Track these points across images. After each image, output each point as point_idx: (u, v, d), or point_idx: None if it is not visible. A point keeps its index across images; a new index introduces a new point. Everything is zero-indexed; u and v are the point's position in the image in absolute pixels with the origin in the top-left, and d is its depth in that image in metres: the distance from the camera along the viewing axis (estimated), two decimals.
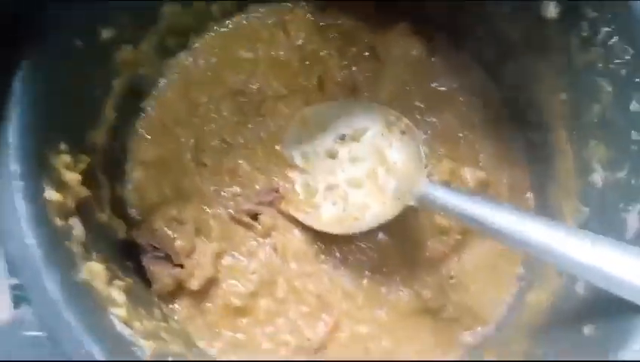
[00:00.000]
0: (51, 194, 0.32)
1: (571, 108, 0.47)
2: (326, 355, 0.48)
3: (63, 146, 0.36)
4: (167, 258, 0.47)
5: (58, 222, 0.32)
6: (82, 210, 0.36)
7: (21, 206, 0.29)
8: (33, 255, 0.28)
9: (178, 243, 0.47)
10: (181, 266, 0.47)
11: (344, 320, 0.49)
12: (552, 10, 0.44)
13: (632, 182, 0.40)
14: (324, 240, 0.50)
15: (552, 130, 0.50)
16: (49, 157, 0.34)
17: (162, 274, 0.46)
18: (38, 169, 0.32)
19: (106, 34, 0.41)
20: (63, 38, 0.35)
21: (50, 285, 0.28)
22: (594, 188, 0.44)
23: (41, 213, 0.31)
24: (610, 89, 0.42)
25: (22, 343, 0.30)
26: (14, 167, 0.30)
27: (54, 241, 0.31)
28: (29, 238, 0.29)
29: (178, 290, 0.48)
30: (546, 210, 0.51)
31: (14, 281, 0.28)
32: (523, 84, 0.52)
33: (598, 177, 0.44)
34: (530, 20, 0.46)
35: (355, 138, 0.52)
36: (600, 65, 0.42)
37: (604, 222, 0.42)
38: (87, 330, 0.28)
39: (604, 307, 0.37)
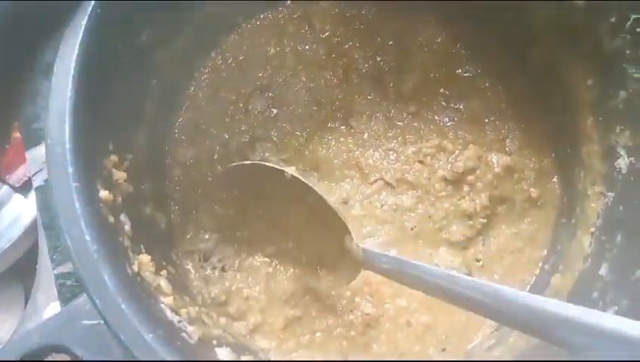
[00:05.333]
0: (104, 194, 0.35)
1: (598, 93, 0.47)
2: (378, 330, 0.50)
3: (111, 146, 0.38)
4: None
5: (111, 219, 0.35)
6: (128, 205, 0.39)
7: (79, 207, 0.32)
8: (91, 252, 0.31)
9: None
10: None
11: (385, 290, 0.51)
12: None
13: None
14: None
15: (578, 114, 0.50)
16: (101, 157, 0.37)
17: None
18: (92, 170, 0.35)
19: (145, 36, 0.42)
20: (107, 43, 0.37)
21: (108, 279, 0.31)
22: (619, 173, 0.45)
23: (96, 212, 0.33)
24: (638, 76, 0.42)
25: (81, 331, 0.34)
26: (70, 169, 0.32)
27: (109, 238, 0.33)
28: (88, 236, 0.31)
29: None
30: (572, 194, 0.52)
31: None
32: (549, 69, 0.52)
33: (623, 163, 0.44)
34: (557, 5, 0.47)
35: None
36: (628, 52, 0.42)
37: (628, 208, 0.43)
38: (142, 319, 0.31)
39: (629, 291, 0.39)
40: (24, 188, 0.66)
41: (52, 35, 0.32)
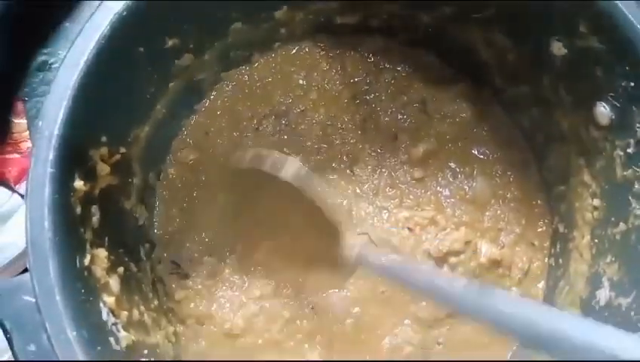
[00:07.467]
0: (78, 184, 0.36)
1: (600, 216, 0.46)
2: None
3: (104, 139, 0.39)
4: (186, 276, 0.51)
5: (78, 209, 0.36)
6: (106, 197, 0.40)
7: (47, 192, 0.33)
8: (45, 238, 0.32)
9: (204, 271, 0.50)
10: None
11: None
12: (604, 117, 0.43)
13: (632, 314, 0.39)
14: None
15: (578, 229, 0.49)
16: (88, 148, 0.38)
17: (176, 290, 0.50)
18: (73, 159, 0.36)
19: (170, 43, 0.44)
20: (126, 45, 0.39)
21: (52, 267, 0.32)
22: (597, 304, 0.43)
23: (64, 201, 0.34)
24: (639, 213, 0.40)
25: (19, 305, 0.35)
26: (51, 154, 0.34)
27: (68, 228, 0.34)
28: (47, 222, 0.32)
29: None
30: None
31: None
32: (562, 174, 0.51)
33: (603, 295, 0.43)
34: (583, 117, 0.45)
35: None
36: (637, 186, 0.41)
37: None
38: (72, 315, 0.32)
39: None
40: None
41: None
